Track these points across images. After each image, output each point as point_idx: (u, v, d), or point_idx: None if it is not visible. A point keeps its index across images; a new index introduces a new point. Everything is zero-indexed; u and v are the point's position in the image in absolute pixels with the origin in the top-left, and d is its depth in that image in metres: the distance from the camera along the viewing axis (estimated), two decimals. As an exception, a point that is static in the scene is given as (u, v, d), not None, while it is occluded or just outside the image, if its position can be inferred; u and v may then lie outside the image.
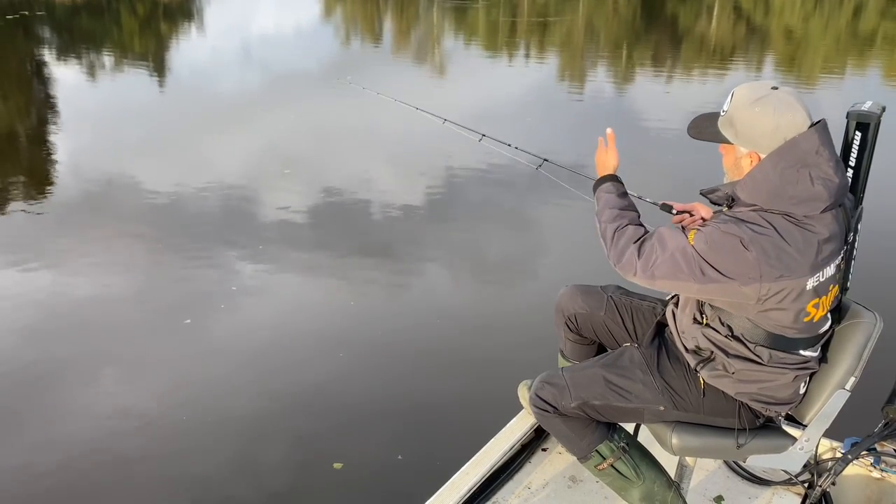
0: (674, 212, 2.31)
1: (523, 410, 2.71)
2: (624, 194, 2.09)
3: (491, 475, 2.49)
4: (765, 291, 1.77)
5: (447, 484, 2.38)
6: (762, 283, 1.76)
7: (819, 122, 1.82)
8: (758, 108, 1.81)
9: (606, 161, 2.16)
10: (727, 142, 1.90)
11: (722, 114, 1.91)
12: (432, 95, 11.08)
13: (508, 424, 2.67)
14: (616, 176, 2.14)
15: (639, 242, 1.90)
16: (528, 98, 11.20)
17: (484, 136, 3.20)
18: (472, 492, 2.39)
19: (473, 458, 2.49)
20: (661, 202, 2.37)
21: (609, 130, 2.20)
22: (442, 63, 14.89)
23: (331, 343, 4.35)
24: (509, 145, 3.11)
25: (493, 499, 2.46)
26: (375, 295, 5.04)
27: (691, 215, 2.27)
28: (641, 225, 1.99)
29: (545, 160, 2.94)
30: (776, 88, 1.82)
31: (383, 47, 17.30)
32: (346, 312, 4.76)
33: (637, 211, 2.05)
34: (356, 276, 5.28)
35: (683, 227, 1.90)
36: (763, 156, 1.83)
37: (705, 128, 1.95)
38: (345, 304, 4.87)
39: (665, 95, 11.46)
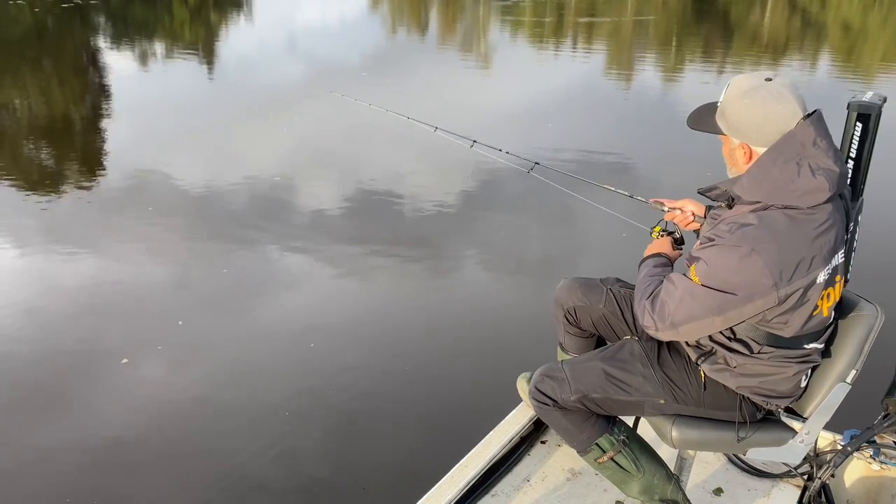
0: (665, 208, 2.30)
1: (522, 403, 2.71)
2: (661, 265, 2.07)
3: (490, 468, 2.49)
4: (783, 295, 1.75)
5: (446, 477, 2.38)
6: (779, 289, 1.73)
7: (814, 112, 1.80)
8: (747, 99, 1.80)
9: (660, 246, 2.17)
10: (722, 132, 1.89)
11: (718, 104, 1.90)
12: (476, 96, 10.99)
13: (507, 417, 2.66)
14: (659, 254, 2.13)
15: (650, 298, 1.89)
16: (570, 94, 11.10)
17: (475, 142, 3.26)
18: (471, 484, 2.38)
19: (472, 451, 2.49)
20: (651, 199, 2.37)
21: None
22: (487, 57, 14.77)
23: (327, 338, 4.34)
24: (500, 150, 3.16)
25: (493, 491, 2.46)
26: (374, 291, 5.02)
27: (682, 212, 2.27)
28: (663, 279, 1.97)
29: (536, 163, 3.00)
30: (770, 80, 1.81)
31: (427, 45, 17.08)
32: (344, 309, 4.74)
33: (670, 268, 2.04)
34: (354, 273, 5.26)
35: (686, 263, 1.88)
36: (754, 147, 1.83)
37: (703, 118, 1.94)
38: (344, 301, 4.85)
39: (715, 91, 11.20)
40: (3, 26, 17.01)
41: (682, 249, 2.20)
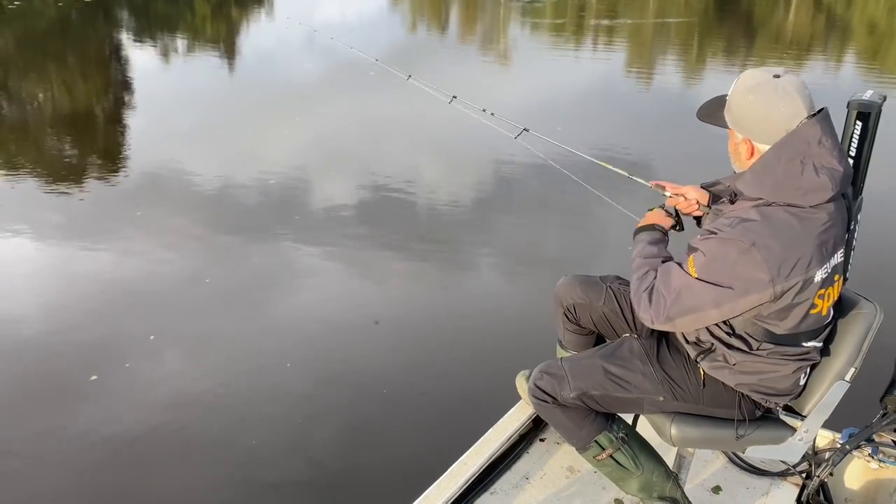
0: (667, 193, 2.27)
1: (521, 401, 2.71)
2: (657, 241, 2.06)
3: (489, 465, 2.49)
4: (779, 290, 1.75)
5: (445, 474, 2.38)
6: (775, 284, 1.73)
7: (821, 111, 1.80)
8: (752, 95, 1.80)
9: (656, 217, 2.16)
10: (728, 126, 1.89)
11: (727, 98, 1.90)
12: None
13: (506, 415, 2.67)
14: (654, 226, 2.12)
15: (648, 290, 1.89)
16: (581, 96, 11.07)
17: (455, 97, 3.28)
18: (470, 482, 2.39)
19: (471, 449, 2.49)
20: (652, 182, 2.33)
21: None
22: (505, 55, 14.77)
23: (325, 338, 4.33)
24: (484, 111, 3.09)
25: (491, 489, 2.46)
26: (371, 285, 5.03)
27: (686, 199, 2.25)
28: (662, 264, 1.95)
29: (525, 129, 2.94)
30: (778, 76, 1.79)
31: (444, 43, 16.92)
32: (342, 305, 4.74)
33: (667, 255, 2.03)
34: (352, 272, 5.27)
35: (687, 254, 1.87)
36: (756, 143, 1.83)
37: (711, 111, 1.94)
38: (342, 300, 4.85)
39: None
40: (27, 21, 17.09)
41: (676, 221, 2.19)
